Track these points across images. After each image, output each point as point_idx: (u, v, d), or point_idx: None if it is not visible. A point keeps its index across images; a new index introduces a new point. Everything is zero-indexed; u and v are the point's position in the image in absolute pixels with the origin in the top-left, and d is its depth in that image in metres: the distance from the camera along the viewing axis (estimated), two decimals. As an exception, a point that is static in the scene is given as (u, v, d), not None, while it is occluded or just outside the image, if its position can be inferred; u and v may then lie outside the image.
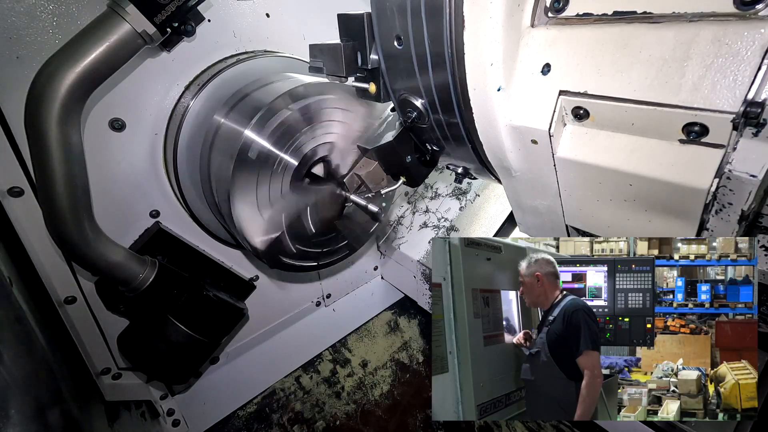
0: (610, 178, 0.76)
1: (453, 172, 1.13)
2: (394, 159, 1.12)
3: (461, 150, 0.98)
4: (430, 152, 1.09)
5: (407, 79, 0.93)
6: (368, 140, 1.17)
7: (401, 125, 1.07)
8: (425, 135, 1.03)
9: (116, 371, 1.52)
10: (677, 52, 0.63)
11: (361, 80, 1.02)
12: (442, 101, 0.90)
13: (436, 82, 0.87)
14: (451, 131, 0.95)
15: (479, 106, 0.83)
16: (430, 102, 0.92)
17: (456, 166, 1.11)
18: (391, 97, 1.00)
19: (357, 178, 1.23)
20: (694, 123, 0.63)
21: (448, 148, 1.01)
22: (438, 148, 1.05)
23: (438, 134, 0.99)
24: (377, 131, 1.18)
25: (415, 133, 1.07)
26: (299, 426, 2.08)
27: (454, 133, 0.95)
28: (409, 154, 1.10)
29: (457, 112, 0.89)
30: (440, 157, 1.10)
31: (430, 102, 0.92)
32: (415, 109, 0.95)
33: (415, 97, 0.94)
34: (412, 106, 0.96)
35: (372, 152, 1.14)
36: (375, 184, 1.22)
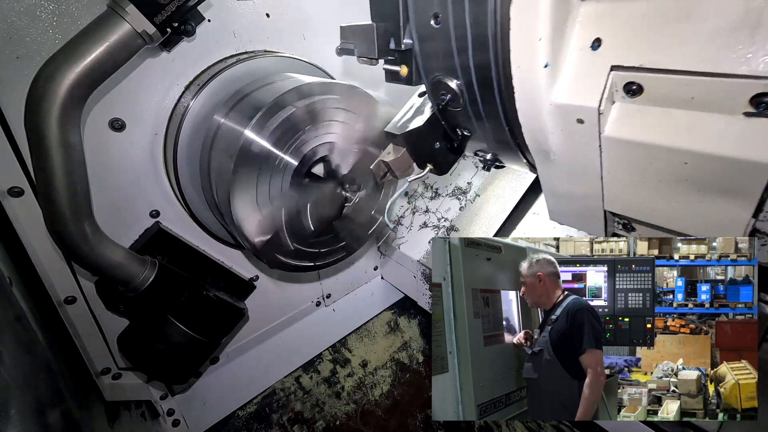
0: (662, 157, 0.71)
1: (481, 159, 1.08)
2: (423, 145, 1.08)
3: (496, 134, 0.94)
4: (459, 138, 1.05)
5: (443, 59, 0.88)
6: (396, 126, 1.13)
7: (432, 109, 1.03)
8: (457, 119, 0.98)
9: (116, 371, 1.52)
10: (747, 19, 0.59)
11: (392, 63, 0.98)
12: (481, 81, 0.86)
13: (476, 60, 0.83)
14: (488, 114, 0.91)
15: (522, 85, 0.78)
16: (467, 83, 0.88)
17: (485, 153, 1.06)
18: (423, 79, 0.96)
19: (383, 166, 1.18)
20: (765, 93, 0.59)
21: (481, 132, 0.97)
22: (469, 133, 1.01)
23: (472, 118, 0.94)
24: (405, 117, 1.14)
25: (446, 118, 1.02)
26: (299, 426, 2.08)
27: (490, 116, 0.91)
28: (438, 140, 1.07)
29: (496, 93, 0.85)
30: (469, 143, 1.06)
31: (466, 83, 0.88)
32: (450, 91, 0.91)
33: (451, 78, 0.90)
34: (446, 88, 0.91)
35: (401, 138, 1.10)
36: (402, 171, 1.17)
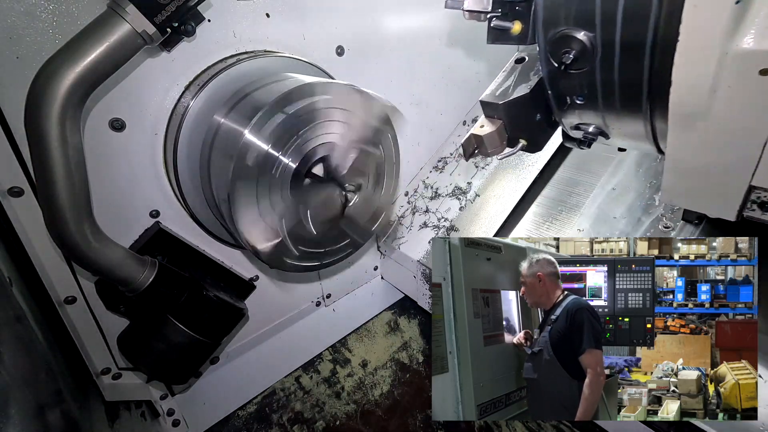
0: None
1: (582, 133, 0.97)
2: (524, 116, 0.98)
3: (624, 99, 0.83)
4: (565, 107, 0.94)
5: (578, 5, 0.78)
6: (495, 95, 1.00)
7: (537, 75, 0.93)
8: (574, 83, 0.86)
9: (116, 371, 1.52)
10: None
11: (503, 18, 0.88)
12: (629, 30, 0.74)
13: (630, 2, 0.72)
14: (624, 72, 0.79)
15: (694, 29, 0.67)
16: (606, 34, 0.77)
17: (586, 126, 0.95)
18: (540, 36, 0.85)
19: (473, 141, 1.06)
20: None
21: (604, 98, 0.86)
22: (582, 101, 0.89)
23: (597, 80, 0.83)
24: (503, 85, 1.02)
25: (558, 83, 0.91)
26: (299, 426, 2.08)
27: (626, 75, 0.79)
28: (540, 111, 0.97)
29: (648, 43, 0.73)
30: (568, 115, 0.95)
31: (605, 34, 0.77)
32: (578, 48, 0.80)
33: (582, 30, 0.79)
34: (573, 44, 0.80)
35: (501, 108, 0.98)
36: (494, 147, 1.05)
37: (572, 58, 0.81)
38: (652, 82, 0.78)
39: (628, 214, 1.62)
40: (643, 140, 0.93)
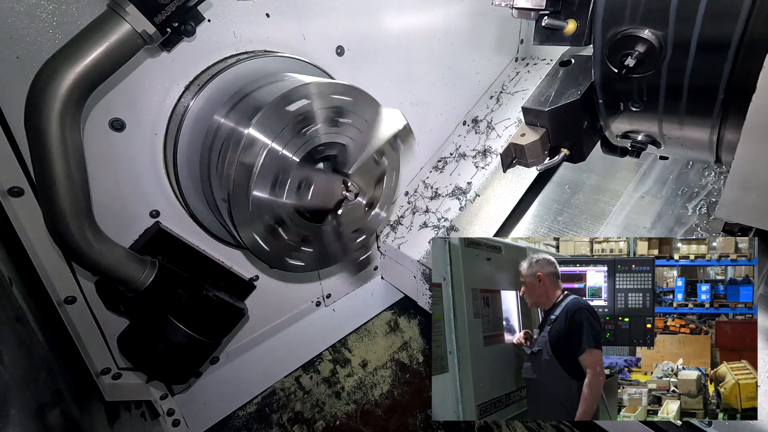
0: None
1: (630, 141, 0.89)
2: (571, 124, 0.91)
3: (693, 104, 0.76)
4: (618, 113, 0.88)
5: (647, 3, 0.71)
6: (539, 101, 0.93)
7: (587, 80, 0.87)
8: (630, 87, 0.79)
9: (116, 371, 1.52)
10: None
11: (555, 17, 0.81)
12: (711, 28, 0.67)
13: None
14: (701, 74, 0.72)
15: None
16: (680, 34, 0.70)
17: (637, 134, 0.88)
18: (597, 37, 0.78)
19: (513, 150, 0.99)
20: None
21: (668, 102, 0.78)
22: (638, 107, 0.81)
23: (662, 84, 0.76)
24: (548, 91, 0.94)
25: (612, 88, 0.83)
26: (299, 426, 2.09)
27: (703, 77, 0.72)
28: (587, 118, 0.90)
29: (734, 42, 0.66)
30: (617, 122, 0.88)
31: (678, 34, 0.70)
32: (644, 48, 0.73)
33: (650, 29, 0.72)
34: (638, 45, 0.73)
35: (546, 115, 0.91)
36: (535, 158, 0.98)
37: (636, 61, 0.75)
38: (731, 86, 0.72)
39: (659, 224, 1.55)
40: (704, 150, 0.85)
